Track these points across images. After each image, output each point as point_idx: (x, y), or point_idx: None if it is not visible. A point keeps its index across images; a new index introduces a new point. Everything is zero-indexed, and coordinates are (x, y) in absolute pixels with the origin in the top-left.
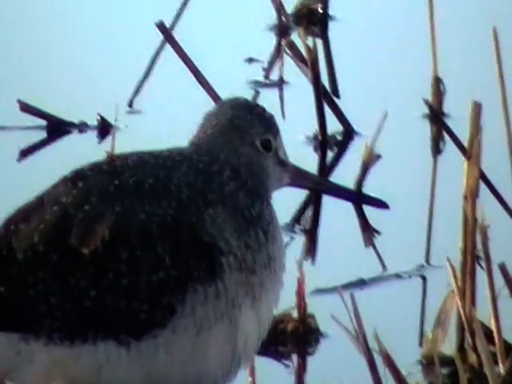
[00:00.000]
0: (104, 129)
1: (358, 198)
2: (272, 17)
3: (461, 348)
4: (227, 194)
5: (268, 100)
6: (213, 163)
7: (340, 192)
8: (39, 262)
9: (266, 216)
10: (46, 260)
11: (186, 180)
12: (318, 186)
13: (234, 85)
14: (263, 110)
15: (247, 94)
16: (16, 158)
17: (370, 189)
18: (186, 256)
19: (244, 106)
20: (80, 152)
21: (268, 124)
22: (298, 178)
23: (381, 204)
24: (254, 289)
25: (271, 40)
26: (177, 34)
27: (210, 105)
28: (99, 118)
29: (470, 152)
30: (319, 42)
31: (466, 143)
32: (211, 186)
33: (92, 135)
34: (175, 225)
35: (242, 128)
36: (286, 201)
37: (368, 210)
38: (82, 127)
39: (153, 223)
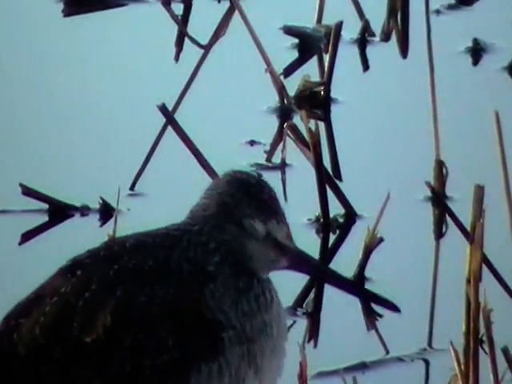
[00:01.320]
0: (106, 212)
1: (360, 292)
2: (274, 99)
3: None
4: (217, 265)
5: (270, 183)
6: (201, 234)
7: (342, 284)
8: (42, 355)
9: (254, 288)
10: (48, 352)
11: (186, 256)
12: (320, 274)
13: (235, 167)
14: (260, 189)
15: None
16: (17, 242)
17: (372, 272)
18: (189, 335)
19: (240, 182)
20: (82, 235)
21: (260, 205)
22: (298, 263)
23: (390, 306)
24: (256, 360)
25: (273, 123)
26: (179, 117)
27: None
28: (101, 201)
29: (473, 236)
30: (321, 125)
31: (468, 226)
32: (208, 257)
33: (94, 218)
34: (176, 304)
35: (229, 206)
36: (288, 284)
37: None
38: (84, 210)
39: (154, 305)
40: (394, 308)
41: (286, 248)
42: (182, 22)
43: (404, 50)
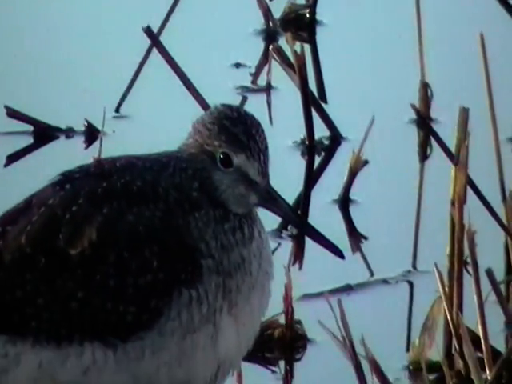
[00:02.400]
0: (91, 134)
1: (319, 239)
2: (260, 22)
3: (448, 354)
4: (198, 192)
5: (255, 105)
6: (182, 160)
7: (308, 232)
8: (26, 264)
9: (230, 221)
10: (33, 262)
11: (172, 181)
12: (286, 217)
13: (221, 90)
14: (235, 123)
15: (235, 100)
16: (3, 164)
17: (357, 194)
18: (173, 259)
19: (219, 114)
20: (67, 157)
21: (231, 138)
22: (267, 203)
23: (336, 251)
24: (230, 294)
25: (259, 45)
26: (164, 40)
27: (197, 110)
28: (86, 123)
29: (458, 157)
30: (307, 48)
31: (453, 149)
32: (190, 183)
33: (79, 141)
34: (162, 227)
35: (203, 136)
36: None
37: (355, 215)
38: (69, 133)
39: (140, 225)
40: (338, 253)
41: (256, 184)
42: None
43: None
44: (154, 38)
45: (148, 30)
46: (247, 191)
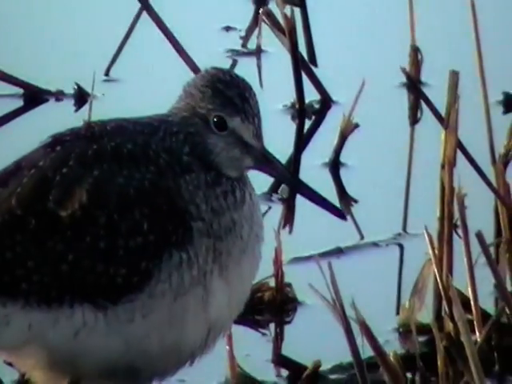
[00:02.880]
0: (81, 97)
1: (319, 200)
2: None
3: (438, 316)
4: (188, 156)
5: (245, 69)
6: (173, 124)
7: (304, 191)
8: (17, 225)
9: (222, 185)
10: (23, 223)
11: (163, 145)
12: (283, 179)
13: (211, 53)
14: (229, 86)
15: (225, 63)
16: None
17: (347, 158)
18: (163, 221)
19: (211, 77)
20: (57, 120)
21: (225, 102)
22: (263, 164)
23: (336, 212)
24: (221, 257)
25: (249, 9)
26: (154, 3)
27: (186, 73)
28: (76, 86)
29: (448, 121)
30: (297, 11)
31: (443, 112)
32: (181, 147)
33: (69, 103)
34: (153, 190)
35: (195, 99)
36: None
37: (346, 178)
38: (59, 95)
39: (131, 188)
40: (341, 215)
41: (251, 147)
42: None
43: None
44: (143, 1)
45: None
46: (242, 154)
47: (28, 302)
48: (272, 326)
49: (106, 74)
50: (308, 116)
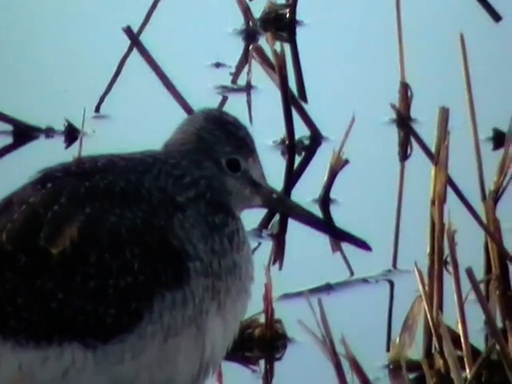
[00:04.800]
0: (71, 134)
1: (335, 234)
2: (240, 22)
3: (428, 353)
4: (190, 199)
5: (235, 105)
6: (177, 167)
7: (318, 226)
8: (7, 262)
9: (229, 225)
10: (13, 260)
11: (156, 184)
12: (294, 214)
13: (201, 90)
14: (238, 127)
15: (214, 99)
16: None
17: (337, 194)
18: (155, 261)
19: (218, 120)
20: (47, 157)
21: (239, 143)
22: (272, 203)
23: (361, 244)
24: (219, 295)
25: (239, 45)
26: (144, 39)
27: (176, 110)
28: (66, 123)
29: (437, 157)
30: (287, 47)
31: (433, 148)
32: (180, 190)
33: (59, 140)
34: (145, 229)
35: (208, 142)
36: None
37: (335, 215)
38: (49, 132)
39: (122, 226)
40: (365, 246)
41: (261, 186)
42: None
43: None
44: (133, 37)
45: (128, 30)
46: (251, 194)
47: (17, 341)
48: (262, 362)
49: (97, 111)
50: (298, 152)
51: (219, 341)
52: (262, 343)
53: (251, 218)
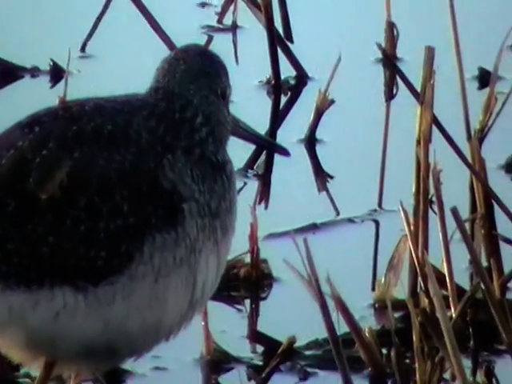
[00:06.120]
0: (56, 74)
1: (263, 143)
2: None
3: (413, 292)
4: (197, 141)
5: (221, 45)
6: (186, 109)
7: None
8: None
9: (228, 163)
10: (2, 205)
11: (146, 126)
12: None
13: (186, 30)
14: (217, 56)
15: (200, 39)
16: None
17: (323, 134)
18: (144, 203)
19: (209, 53)
20: (32, 97)
21: (227, 73)
22: (236, 128)
23: (283, 151)
24: (216, 233)
25: None
26: None
27: (162, 49)
28: (51, 62)
29: (423, 96)
30: None
31: (418, 88)
32: (179, 132)
33: (44, 80)
34: (134, 171)
35: (212, 76)
36: (239, 146)
37: (321, 154)
38: (34, 72)
39: (111, 170)
40: (286, 152)
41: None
42: None
43: None
44: None
45: None
46: (230, 121)
47: (8, 284)
48: (247, 302)
49: (82, 51)
50: (284, 92)
51: (212, 278)
52: (248, 283)
53: (237, 158)
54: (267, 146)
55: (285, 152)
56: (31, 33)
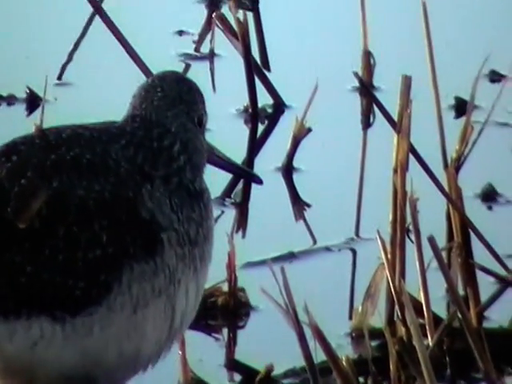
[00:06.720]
0: (33, 101)
1: (236, 171)
2: None
3: (390, 321)
4: (175, 169)
5: (198, 73)
6: (164, 137)
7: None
8: None
9: (205, 191)
10: None
11: (124, 154)
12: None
13: (164, 58)
14: (194, 83)
15: (178, 67)
16: None
17: (300, 162)
18: (123, 233)
19: (186, 80)
20: (8, 125)
21: (204, 100)
22: (211, 155)
23: (256, 179)
24: (196, 261)
25: (202, 12)
26: (107, 6)
27: (139, 77)
28: (28, 90)
29: (400, 125)
30: (250, 15)
31: (395, 116)
32: (157, 161)
33: (21, 108)
34: (113, 201)
35: (189, 103)
36: (216, 174)
37: (298, 183)
38: (11, 100)
39: (90, 199)
40: (258, 180)
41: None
42: None
43: None
44: (96, 4)
45: None
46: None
47: None
48: (225, 330)
49: (59, 78)
50: (261, 120)
51: (190, 306)
52: (225, 311)
53: (214, 186)
54: (241, 174)
55: (258, 180)
56: (7, 60)
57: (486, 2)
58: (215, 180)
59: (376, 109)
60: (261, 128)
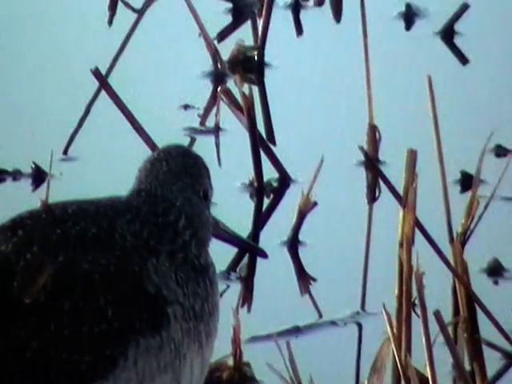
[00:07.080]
0: (38, 177)
1: (241, 245)
2: (208, 64)
3: None
4: (181, 245)
5: (204, 147)
6: (169, 212)
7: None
8: None
9: (210, 265)
10: None
11: (130, 229)
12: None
13: (169, 132)
14: (199, 157)
15: (183, 141)
16: None
17: (305, 236)
18: (129, 307)
19: (191, 154)
20: (14, 200)
21: (209, 174)
22: (216, 230)
23: (261, 253)
24: (201, 336)
25: (207, 87)
26: (112, 81)
27: (145, 152)
28: (33, 165)
29: (406, 199)
30: (255, 89)
31: (401, 191)
32: (163, 236)
33: (26, 183)
34: (118, 275)
35: (194, 177)
36: (221, 248)
37: (304, 257)
38: (16, 175)
39: (96, 273)
40: (263, 254)
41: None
42: None
43: (337, 14)
44: (102, 79)
45: (96, 72)
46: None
47: None
48: None
49: (64, 153)
50: (266, 194)
51: (195, 381)
52: None
53: (219, 260)
54: (246, 248)
55: (263, 254)
56: (12, 135)
57: (492, 76)
58: (220, 254)
59: (381, 183)
60: (266, 202)
